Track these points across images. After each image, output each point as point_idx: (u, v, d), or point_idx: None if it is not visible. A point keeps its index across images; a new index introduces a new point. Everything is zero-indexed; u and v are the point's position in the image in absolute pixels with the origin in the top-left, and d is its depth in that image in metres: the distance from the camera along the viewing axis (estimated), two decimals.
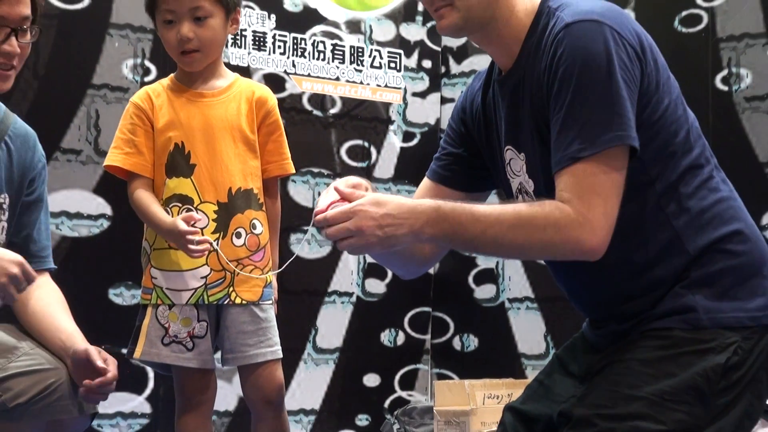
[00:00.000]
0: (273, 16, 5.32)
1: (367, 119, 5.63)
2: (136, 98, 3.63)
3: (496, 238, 2.64)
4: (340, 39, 5.56)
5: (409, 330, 5.73)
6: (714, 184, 2.75)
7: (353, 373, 5.55)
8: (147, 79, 4.88)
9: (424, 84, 5.82)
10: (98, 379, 3.03)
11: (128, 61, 4.89)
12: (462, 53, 5.82)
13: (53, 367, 3.11)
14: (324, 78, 5.49)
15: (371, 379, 5.62)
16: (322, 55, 5.49)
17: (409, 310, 5.74)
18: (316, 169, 4.01)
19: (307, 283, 3.77)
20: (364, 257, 5.51)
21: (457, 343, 5.77)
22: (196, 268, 3.52)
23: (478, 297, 5.71)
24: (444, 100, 5.80)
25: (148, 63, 4.92)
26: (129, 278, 4.82)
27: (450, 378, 5.61)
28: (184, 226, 3.33)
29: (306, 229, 2.73)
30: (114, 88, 4.84)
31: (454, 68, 5.84)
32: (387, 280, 5.63)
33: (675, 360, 2.65)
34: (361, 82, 5.61)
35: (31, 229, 3.34)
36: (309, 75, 5.45)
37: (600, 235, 2.60)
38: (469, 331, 5.75)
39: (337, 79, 5.54)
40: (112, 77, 4.85)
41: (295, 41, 5.41)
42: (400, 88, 5.73)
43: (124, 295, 4.83)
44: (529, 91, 2.74)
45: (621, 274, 2.72)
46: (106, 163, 3.60)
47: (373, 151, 5.64)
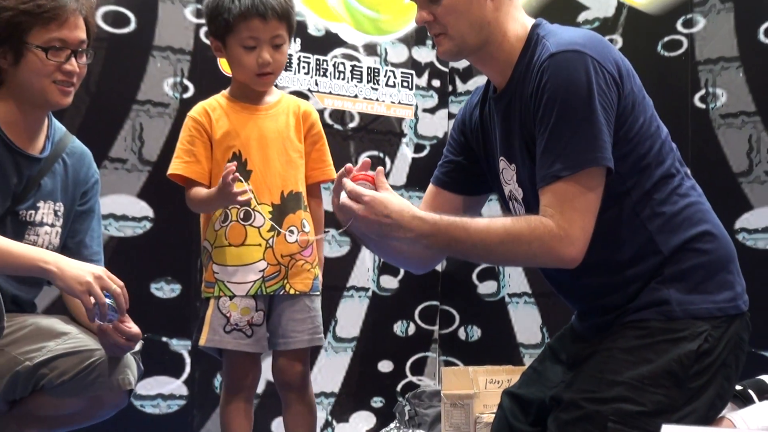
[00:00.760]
0: (298, 40, 5.33)
1: (382, 132, 5.64)
2: (194, 113, 3.62)
3: (486, 251, 2.69)
4: (358, 61, 5.57)
5: (419, 321, 5.73)
6: (684, 191, 2.76)
7: (369, 360, 5.55)
8: (185, 96, 4.89)
9: (433, 101, 5.82)
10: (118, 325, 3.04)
11: (169, 80, 4.90)
12: (467, 74, 5.81)
13: (94, 348, 3.16)
14: (343, 95, 5.50)
15: (385, 366, 5.62)
16: (341, 75, 5.49)
17: (419, 303, 5.74)
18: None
19: (328, 279, 3.78)
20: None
21: (462, 334, 5.77)
22: (255, 263, 3.52)
23: (481, 292, 5.71)
24: (451, 116, 5.78)
25: (186, 81, 4.93)
26: (168, 274, 4.83)
27: (456, 365, 5.60)
28: (226, 180, 3.33)
29: (327, 230, 2.78)
30: (156, 104, 4.85)
31: (461, 87, 5.84)
32: (399, 277, 5.63)
33: (652, 348, 2.66)
34: (377, 99, 5.61)
35: (83, 236, 3.40)
36: (330, 93, 5.45)
37: (578, 246, 2.63)
38: (473, 322, 5.75)
39: (356, 96, 5.54)
40: (154, 94, 4.86)
41: (318, 62, 5.41)
42: (411, 105, 5.73)
43: (164, 289, 4.84)
44: (519, 111, 2.75)
45: (603, 272, 2.73)
46: (169, 172, 3.58)
47: (388, 161, 5.64)
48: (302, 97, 5.21)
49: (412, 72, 5.74)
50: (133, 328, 3.08)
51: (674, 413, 2.61)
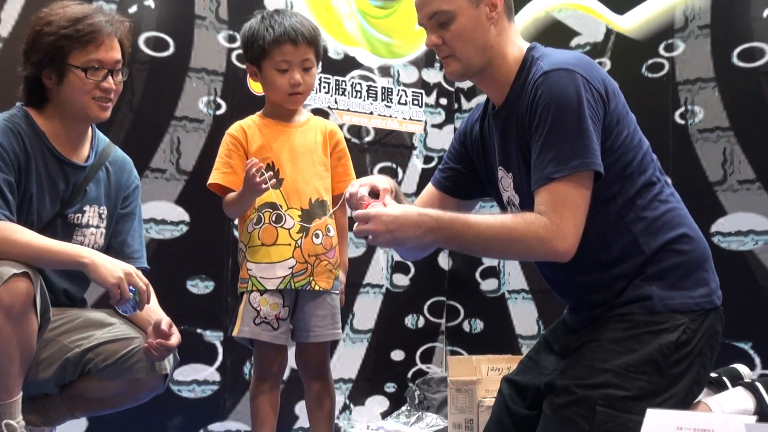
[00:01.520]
0: (319, 63, 5.33)
1: (395, 146, 5.64)
2: (232, 130, 3.63)
3: (486, 244, 2.70)
4: (374, 81, 5.57)
5: (428, 315, 5.73)
6: (664, 197, 2.77)
7: (383, 350, 5.54)
8: (218, 113, 4.90)
9: (440, 117, 5.82)
10: (158, 340, 3.13)
11: (203, 98, 4.91)
12: (471, 93, 5.81)
13: (134, 336, 3.23)
14: (360, 112, 5.50)
15: (397, 355, 5.61)
16: (358, 94, 5.49)
17: (428, 299, 5.73)
18: None
19: (347, 277, 3.79)
20: (392, 256, 5.54)
21: (466, 326, 5.76)
22: (285, 260, 3.52)
23: (484, 289, 5.70)
24: (456, 131, 5.79)
25: (219, 99, 4.94)
26: (202, 272, 4.84)
27: (460, 354, 5.60)
28: (250, 172, 3.35)
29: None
30: (192, 120, 4.86)
31: (465, 105, 5.84)
32: (410, 275, 5.63)
33: (636, 339, 2.67)
34: (390, 116, 5.61)
35: (126, 236, 3.42)
36: (348, 110, 5.45)
37: (570, 241, 2.63)
38: (476, 316, 5.75)
39: (371, 113, 5.54)
40: (190, 111, 4.86)
41: (337, 83, 5.42)
42: (421, 121, 5.73)
43: (199, 286, 4.85)
44: (516, 124, 2.76)
45: (591, 271, 2.74)
46: (209, 182, 3.59)
47: (400, 171, 5.64)
48: (323, 113, 5.23)
49: (422, 91, 5.74)
50: (174, 340, 3.16)
51: (656, 397, 2.62)
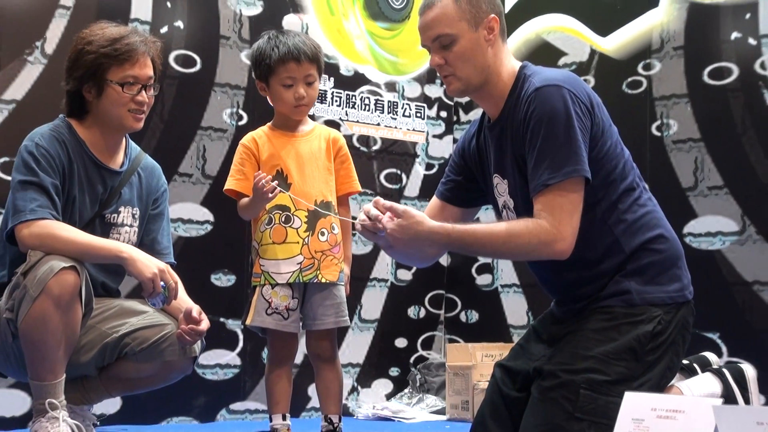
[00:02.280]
0: (332, 79, 5.34)
1: (400, 154, 5.63)
2: (245, 141, 3.63)
3: (493, 250, 2.78)
4: (381, 95, 5.57)
5: (428, 306, 5.72)
6: (643, 201, 2.77)
7: (387, 338, 5.53)
8: (240, 123, 4.90)
9: (441, 129, 5.81)
10: (189, 326, 3.17)
11: (227, 110, 4.91)
12: (469, 107, 5.81)
13: (166, 323, 3.28)
14: (368, 123, 5.49)
15: (401, 342, 5.60)
16: (367, 107, 5.49)
17: (429, 292, 5.72)
18: (361, 190, 4.05)
19: (355, 272, 3.78)
20: None
21: (463, 317, 5.76)
22: (294, 257, 3.52)
23: (479, 283, 5.70)
24: (456, 141, 5.76)
25: (241, 111, 4.94)
26: (225, 267, 4.84)
27: (458, 342, 5.59)
28: (258, 184, 3.35)
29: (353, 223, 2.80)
30: (216, 130, 4.86)
31: (463, 117, 5.84)
32: (413, 270, 5.62)
33: (616, 329, 2.68)
34: (395, 127, 5.61)
35: (156, 234, 3.45)
36: (357, 121, 5.45)
37: (568, 241, 2.64)
38: (472, 308, 5.74)
39: (378, 124, 5.54)
40: (215, 121, 4.86)
41: (348, 97, 5.41)
42: (423, 132, 5.73)
43: (222, 279, 4.85)
44: (511, 135, 2.76)
45: (576, 268, 2.74)
46: (225, 188, 3.60)
47: (404, 177, 5.64)
48: (334, 124, 5.23)
49: (424, 105, 5.74)
50: (203, 326, 3.21)
51: (633, 382, 2.63)
